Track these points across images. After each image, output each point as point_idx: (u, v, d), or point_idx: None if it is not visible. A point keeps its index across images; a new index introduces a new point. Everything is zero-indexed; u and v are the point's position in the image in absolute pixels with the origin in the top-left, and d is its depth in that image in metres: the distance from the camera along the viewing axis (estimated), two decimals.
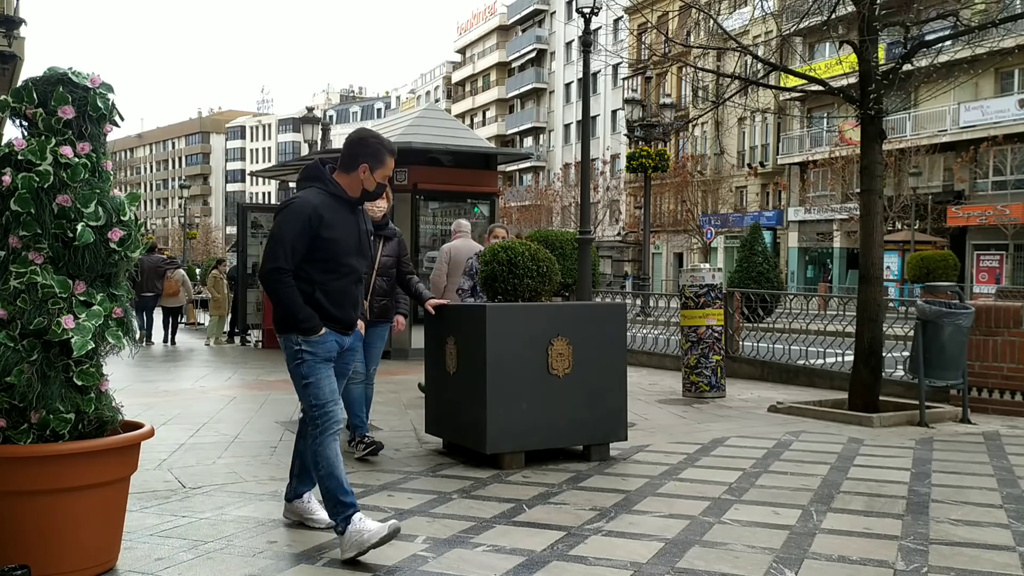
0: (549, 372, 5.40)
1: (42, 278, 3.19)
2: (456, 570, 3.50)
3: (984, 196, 31.47)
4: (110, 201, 3.31)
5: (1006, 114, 29.97)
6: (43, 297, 3.19)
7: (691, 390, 8.99)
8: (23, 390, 3.15)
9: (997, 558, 3.69)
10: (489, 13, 73.05)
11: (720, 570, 3.51)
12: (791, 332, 11.13)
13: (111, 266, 3.33)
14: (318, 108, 67.76)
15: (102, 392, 3.40)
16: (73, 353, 3.18)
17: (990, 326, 7.80)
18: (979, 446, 6.30)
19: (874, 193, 7.67)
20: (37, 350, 3.19)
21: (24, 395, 3.16)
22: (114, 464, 3.38)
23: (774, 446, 6.19)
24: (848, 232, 34.98)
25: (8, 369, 3.15)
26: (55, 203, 3.20)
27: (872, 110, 7.44)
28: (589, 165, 16.64)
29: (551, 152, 62.86)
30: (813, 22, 8.99)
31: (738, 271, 20.20)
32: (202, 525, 4.12)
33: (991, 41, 8.86)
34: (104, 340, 3.31)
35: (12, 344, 3.16)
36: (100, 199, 3.28)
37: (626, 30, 39.04)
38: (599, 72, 50.59)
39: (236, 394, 9.20)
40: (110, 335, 3.31)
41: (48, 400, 3.19)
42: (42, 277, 3.19)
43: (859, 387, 7.64)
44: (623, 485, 4.95)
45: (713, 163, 44.09)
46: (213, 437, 6.50)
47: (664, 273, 47.29)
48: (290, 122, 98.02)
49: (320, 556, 3.67)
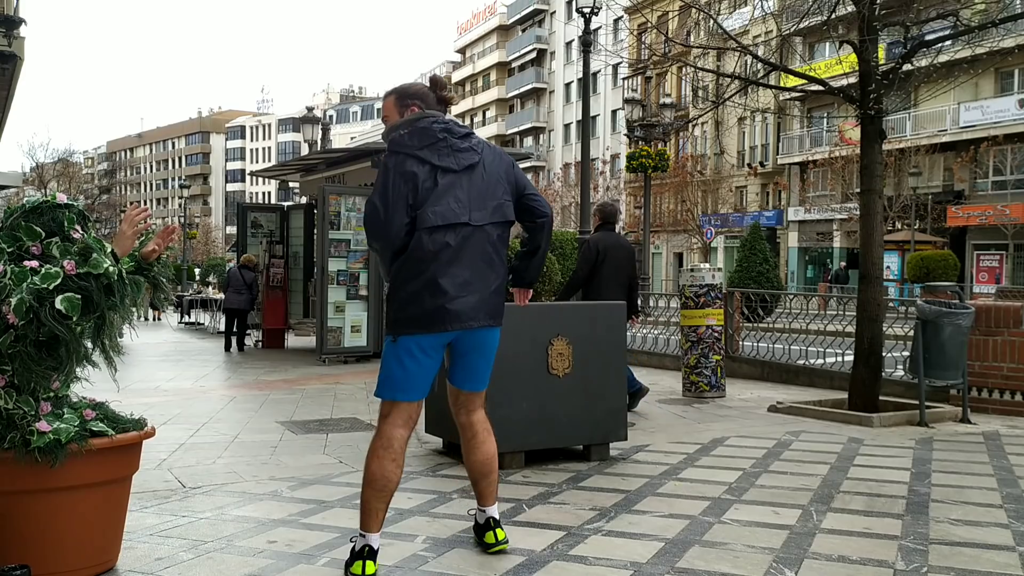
0: (549, 372, 5.41)
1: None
2: (456, 570, 3.50)
3: (984, 196, 31.47)
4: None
5: (1006, 114, 29.99)
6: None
7: (691, 390, 8.99)
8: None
9: (997, 558, 3.69)
10: (489, 13, 73.05)
11: (720, 570, 3.51)
12: (791, 332, 11.13)
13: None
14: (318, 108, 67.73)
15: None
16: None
17: (990, 326, 7.80)
18: (979, 446, 6.30)
19: (874, 193, 7.67)
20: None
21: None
22: (115, 463, 3.37)
23: (774, 446, 6.19)
24: (848, 232, 34.99)
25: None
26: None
27: (872, 110, 7.44)
28: (589, 165, 16.66)
29: (551, 152, 62.87)
30: (813, 22, 8.99)
31: (738, 271, 20.21)
32: (202, 525, 4.12)
33: (991, 41, 8.88)
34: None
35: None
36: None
37: (626, 30, 39.00)
38: (599, 72, 50.59)
39: (236, 394, 9.20)
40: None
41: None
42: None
43: (859, 387, 7.64)
44: (623, 485, 4.95)
45: (713, 163, 44.09)
46: (213, 437, 6.50)
47: (664, 273, 47.30)
48: (290, 122, 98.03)
49: (320, 556, 3.67)
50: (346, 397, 8.74)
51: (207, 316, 22.11)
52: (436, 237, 3.38)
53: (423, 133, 3.47)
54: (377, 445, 3.45)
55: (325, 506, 4.46)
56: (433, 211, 3.38)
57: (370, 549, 3.35)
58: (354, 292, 12.55)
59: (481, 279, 3.45)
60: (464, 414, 3.71)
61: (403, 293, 3.41)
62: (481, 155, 3.54)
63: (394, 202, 3.36)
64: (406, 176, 3.39)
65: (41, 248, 3.27)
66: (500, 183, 3.57)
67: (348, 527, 4.07)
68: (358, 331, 12.55)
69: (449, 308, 3.37)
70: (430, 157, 3.43)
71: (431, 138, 3.46)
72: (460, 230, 3.41)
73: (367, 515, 3.40)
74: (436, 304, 3.36)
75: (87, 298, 3.17)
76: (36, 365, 3.17)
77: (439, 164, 3.43)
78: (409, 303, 3.39)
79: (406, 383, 3.44)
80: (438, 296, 3.36)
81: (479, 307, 3.44)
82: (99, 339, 3.31)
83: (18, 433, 3.12)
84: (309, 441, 6.36)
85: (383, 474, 3.41)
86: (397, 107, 3.63)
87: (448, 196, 3.41)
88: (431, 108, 3.60)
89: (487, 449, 3.69)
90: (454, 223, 3.40)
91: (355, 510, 4.34)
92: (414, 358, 3.41)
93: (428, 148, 3.44)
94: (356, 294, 12.57)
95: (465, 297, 3.40)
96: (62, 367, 3.25)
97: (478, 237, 3.45)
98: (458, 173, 3.46)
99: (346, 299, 12.48)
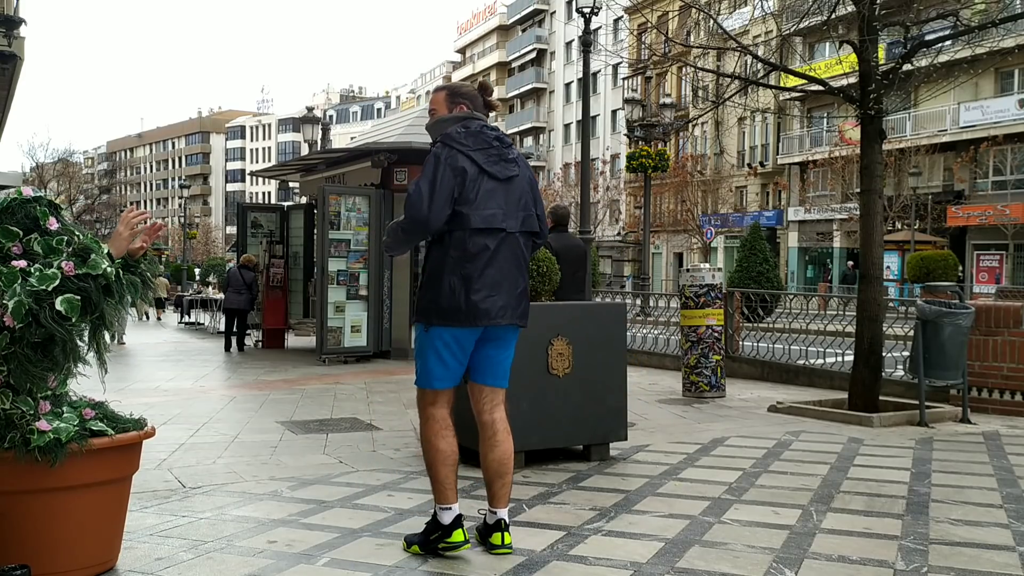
0: (549, 372, 5.40)
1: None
2: (456, 570, 3.50)
3: (984, 196, 31.46)
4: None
5: (1006, 114, 29.97)
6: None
7: (691, 390, 8.99)
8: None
9: (997, 558, 3.69)
10: (489, 13, 73.06)
11: (720, 570, 3.51)
12: (791, 332, 11.13)
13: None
14: (318, 108, 67.74)
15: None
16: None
17: (990, 326, 7.80)
18: (979, 446, 6.30)
19: (874, 193, 7.67)
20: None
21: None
22: (115, 463, 3.37)
23: (774, 446, 6.19)
24: (848, 232, 34.98)
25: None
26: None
27: (872, 110, 7.44)
28: (589, 165, 16.65)
29: (551, 152, 62.87)
30: (813, 22, 8.99)
31: (738, 271, 20.19)
32: (202, 525, 4.12)
33: (991, 41, 8.87)
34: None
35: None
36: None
37: (626, 30, 39.02)
38: (599, 72, 50.59)
39: (236, 394, 9.20)
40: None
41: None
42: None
43: (859, 387, 7.64)
44: (623, 485, 4.95)
45: (713, 163, 44.08)
46: (213, 437, 6.50)
47: (664, 273, 47.29)
48: (290, 122, 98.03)
49: (320, 556, 3.67)
50: (346, 397, 8.74)
51: (207, 316, 22.09)
52: (477, 239, 3.62)
53: (477, 136, 3.70)
54: (435, 428, 3.75)
55: (325, 506, 4.46)
56: (480, 215, 3.62)
57: (459, 516, 3.69)
58: (354, 292, 12.55)
59: (511, 281, 3.70)
60: (487, 412, 3.86)
61: (440, 286, 3.63)
62: (520, 168, 3.79)
63: (441, 192, 3.56)
64: (457, 171, 3.60)
65: (22, 247, 3.26)
66: (528, 196, 3.81)
67: (348, 527, 4.07)
68: (358, 331, 12.55)
69: (481, 306, 3.60)
70: (481, 160, 3.66)
71: (484, 143, 3.70)
72: (498, 235, 3.66)
73: (447, 489, 3.71)
74: (470, 301, 3.59)
75: (86, 299, 3.17)
76: (33, 366, 3.17)
77: (487, 169, 3.67)
78: (445, 296, 3.61)
79: (444, 373, 3.73)
80: (473, 294, 3.60)
81: (507, 306, 3.69)
82: (95, 339, 3.31)
83: (18, 433, 3.12)
84: (309, 441, 6.36)
85: (451, 449, 3.74)
86: (447, 102, 3.85)
87: (492, 202, 3.65)
88: (479, 110, 3.85)
89: (505, 448, 3.83)
90: (494, 228, 3.65)
91: (355, 510, 4.37)
92: (448, 348, 3.68)
93: (480, 151, 3.68)
94: (356, 294, 12.57)
95: (495, 296, 3.65)
96: (58, 367, 3.25)
97: (511, 243, 3.71)
98: (501, 181, 3.70)
99: (346, 299, 12.48)
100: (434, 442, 3.72)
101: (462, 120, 3.74)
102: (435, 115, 3.86)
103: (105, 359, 3.39)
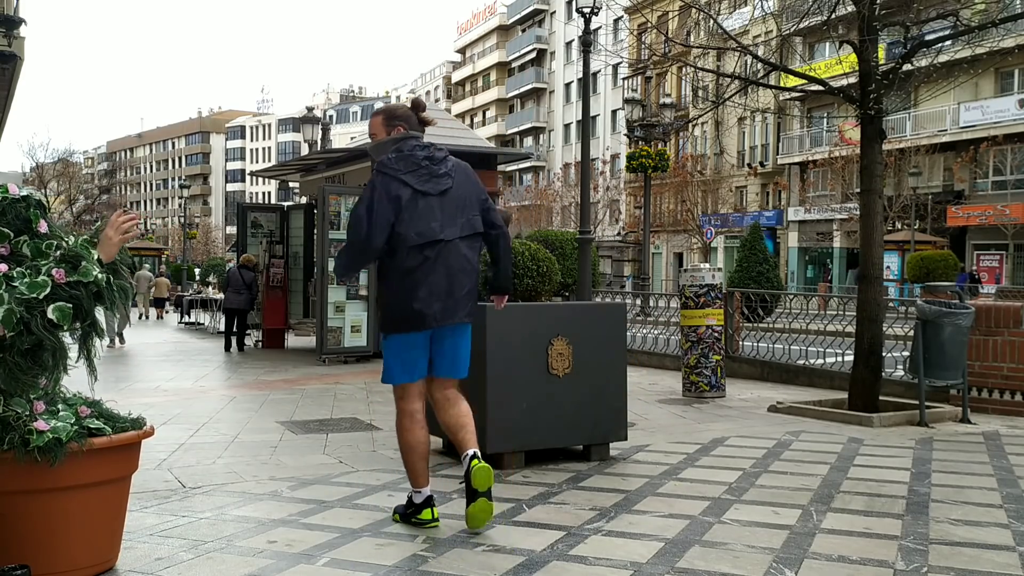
0: (549, 372, 5.40)
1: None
2: (456, 570, 3.50)
3: (984, 196, 31.48)
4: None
5: (1006, 114, 29.98)
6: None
7: (691, 390, 8.99)
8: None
9: (997, 558, 3.69)
10: (489, 13, 73.06)
11: (720, 570, 3.51)
12: (791, 332, 11.13)
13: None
14: (318, 108, 67.78)
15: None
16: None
17: (990, 326, 7.80)
18: (979, 446, 6.30)
19: (874, 193, 7.67)
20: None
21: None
22: (115, 463, 3.37)
23: (774, 446, 6.19)
24: (848, 232, 34.98)
25: None
26: None
27: (872, 110, 7.44)
28: (589, 165, 16.65)
29: (551, 152, 62.87)
30: (813, 22, 8.99)
31: (738, 271, 20.18)
32: (202, 525, 4.12)
33: (991, 41, 8.86)
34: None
35: None
36: None
37: (626, 30, 39.03)
38: (599, 72, 50.60)
39: (236, 394, 9.20)
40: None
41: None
42: None
43: (859, 387, 7.64)
44: (623, 485, 4.95)
45: (713, 163, 44.08)
46: (213, 437, 6.50)
47: (664, 273, 47.30)
48: (290, 122, 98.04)
49: (320, 556, 3.67)
50: (346, 397, 8.74)
51: (207, 316, 22.10)
52: (415, 253, 3.96)
53: (407, 160, 4.03)
54: (405, 421, 4.10)
55: (325, 506, 4.46)
56: (415, 232, 3.95)
57: (429, 498, 4.08)
58: (354, 292, 12.55)
59: (456, 284, 4.03)
60: (439, 391, 4.17)
61: (391, 299, 4.03)
62: (454, 179, 4.10)
63: (378, 218, 3.92)
64: (392, 198, 3.95)
65: (10, 248, 3.23)
66: (469, 200, 4.13)
67: (348, 527, 4.07)
68: (358, 331, 12.54)
69: (427, 312, 3.97)
70: (412, 182, 3.99)
71: (413, 165, 4.03)
72: (436, 245, 3.99)
73: (417, 475, 4.09)
74: (417, 308, 3.96)
75: (77, 306, 3.15)
76: (23, 374, 3.14)
77: (420, 189, 4.00)
78: (396, 308, 4.02)
79: (404, 368, 4.08)
80: (415, 302, 3.96)
81: (450, 309, 4.02)
82: (85, 346, 3.30)
83: (16, 434, 3.11)
84: (309, 441, 6.36)
85: (418, 440, 4.07)
86: (384, 126, 4.19)
87: (427, 217, 3.99)
88: (414, 129, 4.17)
89: (461, 408, 4.15)
90: (432, 240, 3.98)
91: (355, 510, 4.38)
92: (405, 350, 4.06)
93: (411, 173, 4.01)
94: (356, 294, 12.57)
95: (442, 300, 3.99)
96: (48, 372, 3.23)
97: (451, 249, 4.03)
98: (436, 196, 4.03)
99: (346, 299, 12.48)
100: (403, 434, 4.09)
101: (398, 142, 4.08)
102: (375, 139, 4.20)
103: (95, 366, 3.38)
